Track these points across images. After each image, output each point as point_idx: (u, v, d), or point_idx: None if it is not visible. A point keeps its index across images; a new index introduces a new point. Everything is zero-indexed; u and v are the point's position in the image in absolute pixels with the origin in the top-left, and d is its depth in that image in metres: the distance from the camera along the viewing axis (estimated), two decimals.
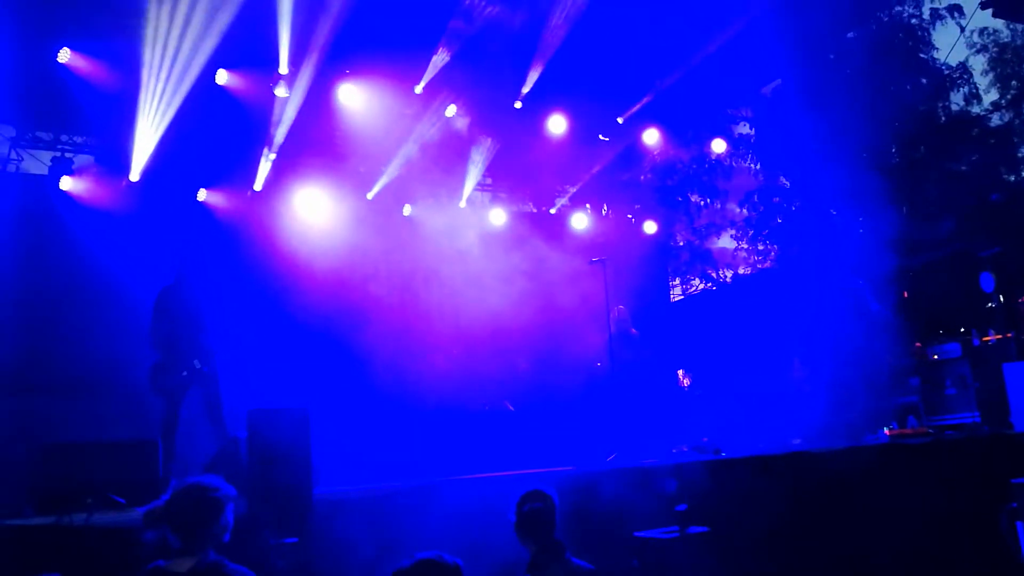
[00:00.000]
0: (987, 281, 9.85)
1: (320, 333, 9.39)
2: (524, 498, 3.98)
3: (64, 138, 9.47)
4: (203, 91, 8.83)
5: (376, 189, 10.92)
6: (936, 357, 9.71)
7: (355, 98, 10.13)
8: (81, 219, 8.79)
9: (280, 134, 9.59)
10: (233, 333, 7.21)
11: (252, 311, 8.77)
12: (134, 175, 8.91)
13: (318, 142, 10.42)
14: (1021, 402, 7.81)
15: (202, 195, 9.83)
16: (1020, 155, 15.88)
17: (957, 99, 16.31)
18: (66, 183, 8.95)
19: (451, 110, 10.57)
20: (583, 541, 4.92)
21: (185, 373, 6.32)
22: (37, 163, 9.43)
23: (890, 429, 8.40)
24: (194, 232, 8.99)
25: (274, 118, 9.51)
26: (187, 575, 3.01)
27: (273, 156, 9.74)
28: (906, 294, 10.97)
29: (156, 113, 8.56)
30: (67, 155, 9.28)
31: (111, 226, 8.74)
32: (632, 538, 4.70)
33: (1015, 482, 5.60)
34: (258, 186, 10.03)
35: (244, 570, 3.12)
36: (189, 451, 6.26)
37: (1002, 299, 10.32)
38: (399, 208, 11.28)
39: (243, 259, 9.43)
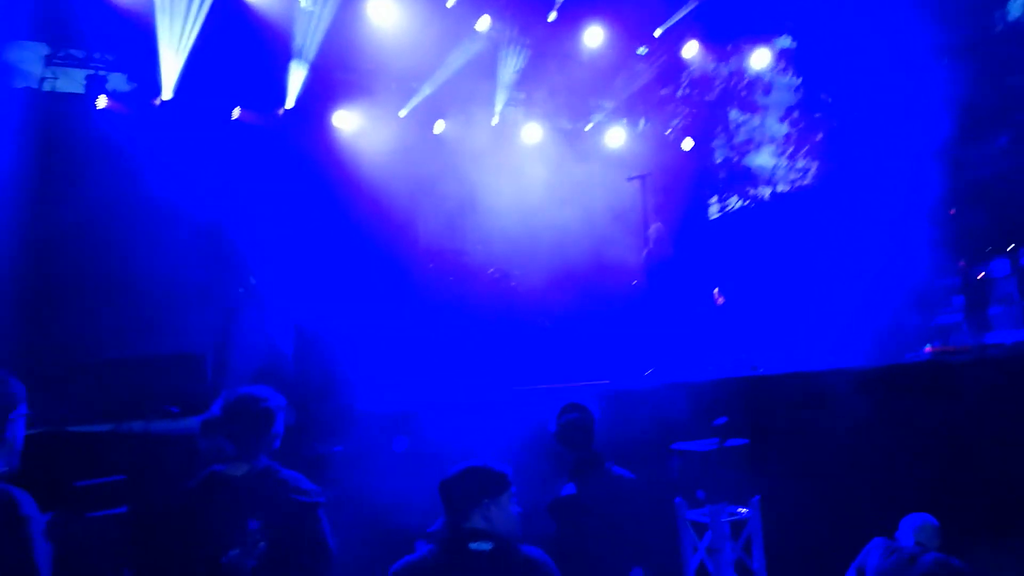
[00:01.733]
0: None
1: (354, 252, 9.43)
2: (563, 410, 4.05)
3: (97, 55, 9.40)
4: (226, 6, 8.66)
5: (409, 107, 10.76)
6: (983, 275, 9.51)
7: (384, 13, 9.89)
8: (118, 137, 8.80)
9: (308, 50, 9.41)
10: (274, 252, 7.29)
11: (289, 230, 8.82)
12: (166, 93, 8.86)
13: (347, 59, 10.24)
14: None
15: (236, 113, 9.78)
16: None
17: (1015, 8, 15.45)
18: (102, 101, 8.95)
19: (484, 23, 10.28)
20: (621, 453, 5.02)
21: (241, 290, 6.44)
22: (71, 82, 9.42)
23: (932, 347, 8.31)
24: (229, 151, 8.98)
25: (300, 34, 9.33)
26: (242, 479, 3.12)
27: (303, 73, 9.59)
28: (953, 211, 10.66)
29: (179, 30, 8.45)
30: (100, 73, 9.24)
31: (149, 143, 8.76)
32: (670, 450, 4.75)
33: None
34: (290, 104, 9.94)
35: (294, 474, 3.23)
36: (242, 364, 6.41)
37: None
38: (431, 125, 11.13)
39: (278, 177, 9.42)
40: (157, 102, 8.97)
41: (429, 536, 2.87)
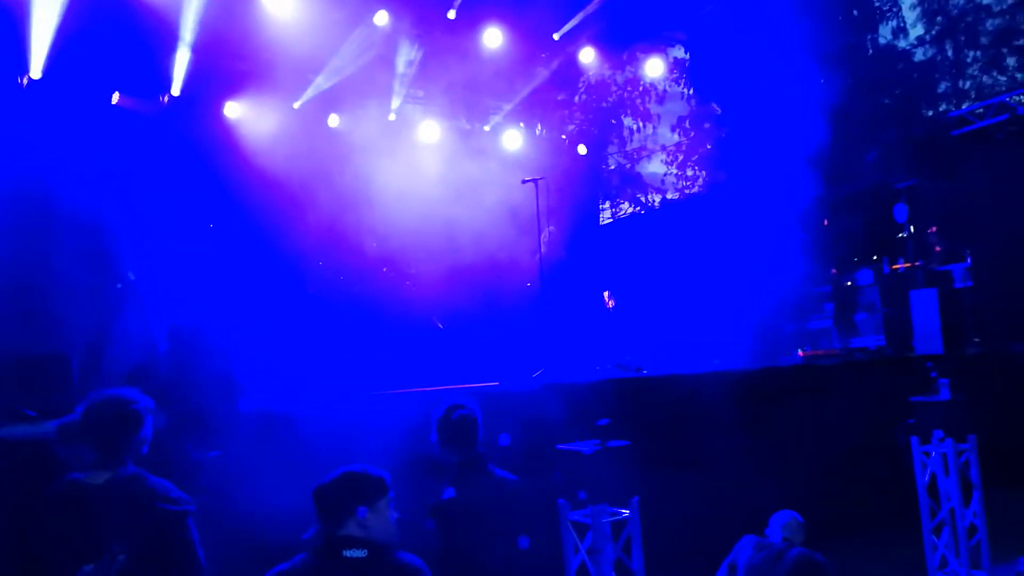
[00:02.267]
0: (900, 212, 10.24)
1: (239, 244, 9.09)
2: (448, 409, 4.00)
3: None
4: None
5: (304, 99, 10.48)
6: (849, 283, 10.14)
7: (280, 1, 9.59)
8: None
9: (195, 36, 8.99)
10: (156, 246, 6.93)
11: (173, 222, 8.41)
12: (35, 72, 8.26)
13: (240, 47, 9.85)
14: (924, 327, 8.24)
15: (116, 98, 9.23)
16: (940, 91, 16.35)
17: (885, 32, 16.60)
18: None
19: (381, 17, 10.13)
20: (508, 454, 5.04)
21: (119, 286, 6.07)
22: None
23: (804, 351, 8.79)
24: (107, 136, 8.47)
25: (187, 17, 8.91)
26: (103, 487, 2.93)
27: (188, 59, 9.16)
28: (826, 222, 11.33)
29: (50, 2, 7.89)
30: None
31: (14, 126, 8.13)
32: (554, 451, 4.80)
33: (914, 400, 5.95)
34: (175, 91, 9.47)
35: (162, 482, 3.06)
36: (116, 366, 6.05)
37: (912, 229, 10.77)
38: (326, 119, 10.88)
39: (161, 168, 8.95)
40: (24, 81, 8.34)
41: (303, 544, 2.79)
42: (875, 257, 10.64)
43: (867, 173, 12.85)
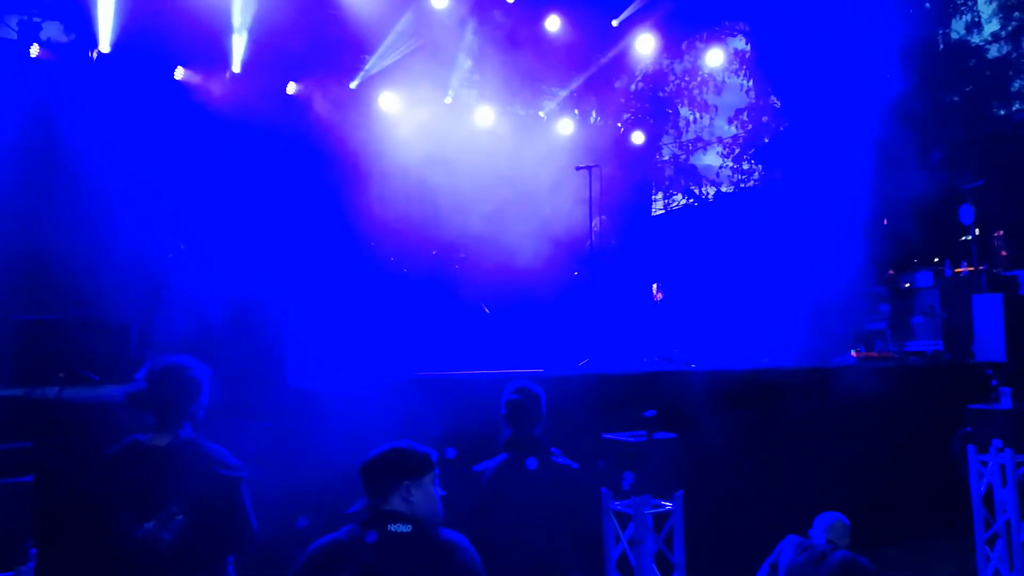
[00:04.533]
0: (966, 214, 9.91)
1: (297, 221, 9.22)
2: (513, 389, 4.06)
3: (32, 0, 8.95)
4: None
5: (359, 79, 10.57)
6: (908, 285, 9.87)
7: None
8: (51, 89, 8.39)
9: (256, 17, 9.12)
10: (211, 218, 7.08)
11: (230, 198, 8.58)
12: (104, 46, 8.48)
13: (299, 27, 9.97)
14: (986, 333, 7.99)
15: (179, 73, 9.43)
16: (1013, 89, 15.74)
17: (958, 27, 16.01)
18: (35, 51, 8.52)
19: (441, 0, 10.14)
20: (552, 441, 5.05)
21: (171, 256, 6.24)
22: (2, 27, 8.95)
23: (857, 352, 8.60)
24: (168, 112, 8.67)
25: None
26: (164, 449, 3.03)
27: (247, 37, 9.29)
28: (885, 221, 11.03)
29: None
30: (35, 19, 8.79)
31: (84, 100, 8.37)
32: (599, 440, 4.79)
33: (971, 408, 5.78)
34: (236, 68, 9.63)
35: (218, 447, 3.15)
36: (167, 335, 6.21)
37: (978, 232, 10.42)
38: (381, 100, 10.95)
39: (222, 144, 9.12)
40: (93, 55, 8.58)
41: (348, 517, 2.83)
42: (936, 259, 10.33)
43: (931, 172, 12.46)
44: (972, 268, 9.77)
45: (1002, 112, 15.56)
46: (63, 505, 3.23)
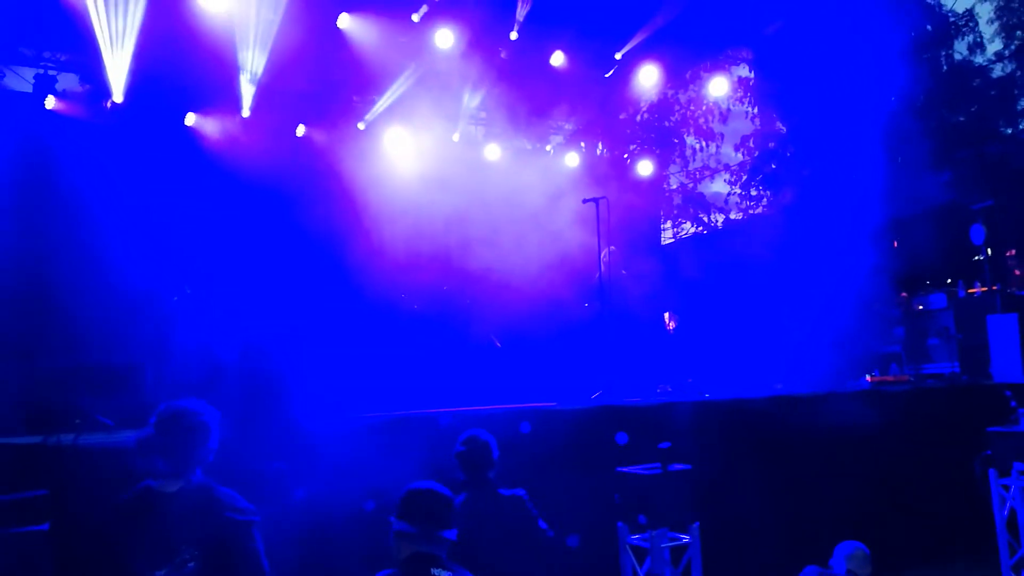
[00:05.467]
0: (977, 233, 9.86)
1: (307, 262, 9.31)
2: (461, 441, 4.24)
3: (47, 55, 9.20)
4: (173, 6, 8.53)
5: (366, 120, 10.73)
6: (921, 308, 9.80)
7: (350, 24, 9.87)
8: (66, 140, 8.58)
9: (258, 57, 9.29)
10: (222, 260, 7.16)
11: (241, 242, 8.69)
12: (117, 96, 8.67)
13: (307, 70, 10.16)
14: (1002, 353, 7.92)
15: (190, 119, 9.62)
16: (1019, 108, 15.74)
17: (961, 48, 16.07)
18: (51, 102, 8.73)
19: (447, 40, 10.30)
20: (565, 475, 5.03)
21: (176, 299, 6.31)
22: (20, 80, 9.19)
23: (872, 376, 8.52)
24: (181, 157, 8.83)
25: (257, 42, 9.23)
26: (175, 495, 3.04)
27: (250, 78, 9.45)
28: (896, 244, 10.99)
29: (120, 27, 8.27)
30: (51, 72, 9.03)
31: (97, 148, 8.55)
32: (614, 473, 4.76)
33: (991, 430, 5.71)
34: (245, 112, 9.80)
35: (230, 491, 3.16)
36: (182, 376, 6.26)
37: (990, 252, 10.35)
38: (389, 140, 11.09)
39: (232, 187, 9.25)
40: (108, 104, 8.77)
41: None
42: (949, 280, 10.26)
43: (940, 193, 12.42)
44: (985, 288, 9.70)
45: (1009, 131, 15.55)
46: (78, 553, 3.25)
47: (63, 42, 9.04)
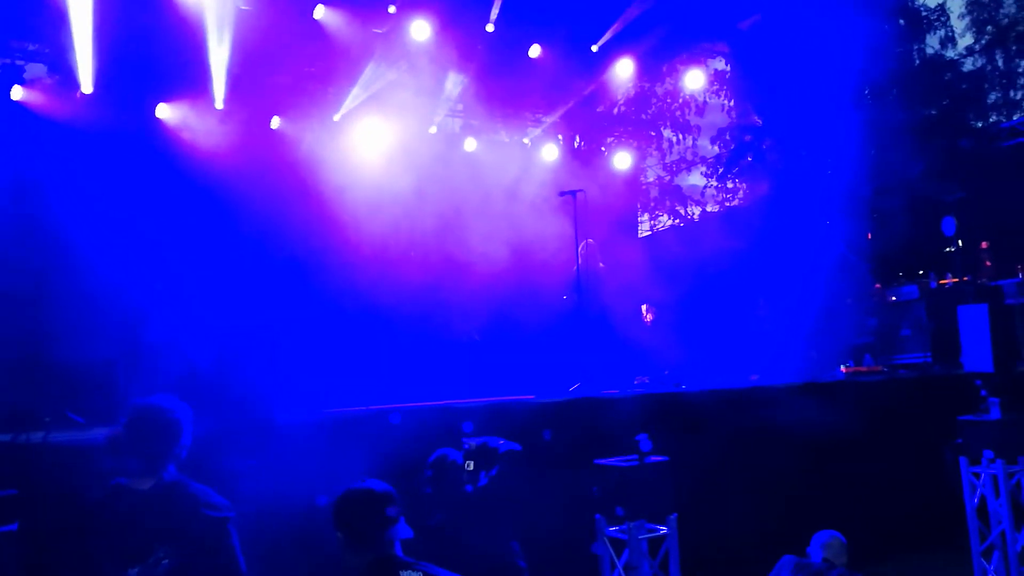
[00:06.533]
0: (949, 225, 10.00)
1: (282, 256, 9.20)
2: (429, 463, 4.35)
3: (15, 44, 8.99)
4: None
5: (342, 112, 10.63)
6: (894, 299, 9.92)
7: (325, 15, 9.76)
8: (34, 132, 8.40)
9: (230, 48, 9.15)
10: (195, 256, 7.06)
11: (215, 236, 8.56)
12: (86, 87, 8.50)
13: (280, 61, 10.04)
14: (972, 343, 8.03)
15: (161, 111, 9.45)
16: (990, 101, 15.98)
17: (932, 42, 16.29)
18: (17, 93, 8.54)
19: (423, 31, 10.23)
20: (544, 469, 5.03)
21: (150, 297, 6.22)
22: None
23: (847, 367, 8.62)
24: (152, 149, 8.69)
25: (232, 29, 9.09)
26: (148, 493, 2.99)
27: (226, 70, 9.32)
28: (870, 236, 11.11)
29: (90, 17, 8.12)
30: (17, 62, 8.83)
31: (65, 140, 8.37)
32: (592, 466, 4.78)
33: (962, 419, 5.79)
34: (219, 104, 9.64)
35: (206, 489, 3.12)
36: (158, 373, 6.17)
37: (961, 244, 10.51)
38: (365, 132, 10.98)
39: (204, 182, 9.10)
40: (77, 95, 8.59)
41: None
42: (920, 272, 10.40)
43: (912, 185, 12.59)
44: (957, 279, 9.84)
45: (980, 124, 15.78)
46: (48, 554, 3.19)
47: (31, 31, 8.84)
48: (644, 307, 10.58)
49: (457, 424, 4.67)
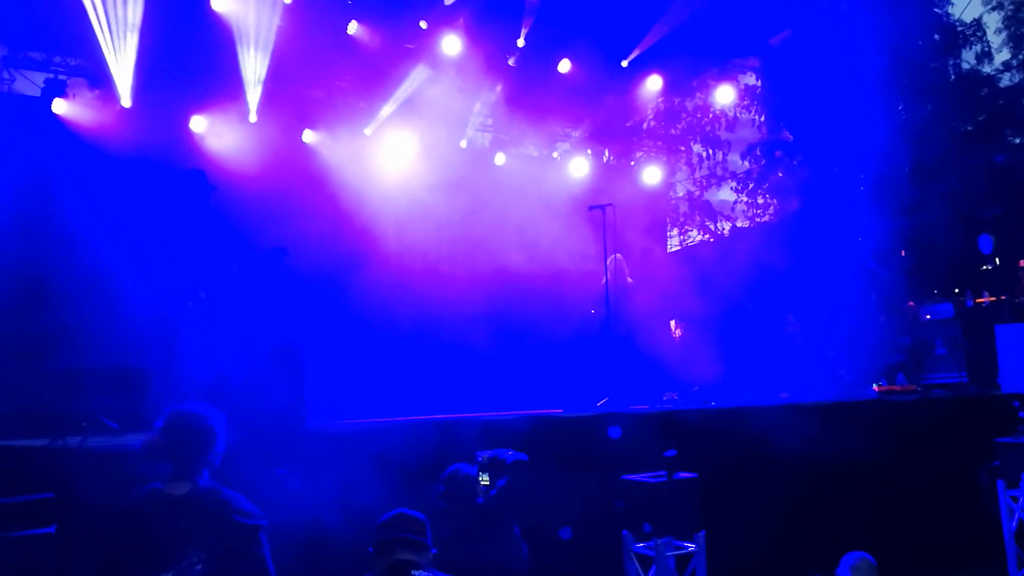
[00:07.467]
0: (986, 243, 9.83)
1: (311, 269, 9.30)
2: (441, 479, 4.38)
3: (57, 59, 9.25)
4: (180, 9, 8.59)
5: (373, 126, 10.75)
6: (928, 317, 9.75)
7: (357, 30, 9.92)
8: (74, 144, 8.62)
9: (264, 62, 9.33)
10: (227, 266, 7.15)
11: (246, 247, 8.68)
12: (125, 100, 8.72)
13: (313, 75, 10.20)
14: (1010, 364, 7.87)
15: (195, 123, 9.63)
16: None
17: (968, 57, 16.03)
18: (59, 106, 8.77)
19: (454, 46, 10.34)
20: (571, 482, 5.01)
21: (190, 303, 6.32)
22: (30, 84, 9.23)
23: (879, 385, 8.48)
24: (186, 162, 8.85)
25: (266, 43, 9.27)
26: (183, 498, 3.04)
27: (259, 84, 9.49)
28: (903, 253, 10.95)
29: (127, 32, 8.35)
30: (60, 77, 9.08)
31: (105, 153, 8.58)
32: (619, 481, 4.75)
33: (999, 441, 5.68)
34: (252, 117, 9.81)
35: (237, 495, 3.16)
36: (190, 381, 6.26)
37: (998, 261, 10.32)
38: (396, 146, 11.09)
39: (236, 194, 9.23)
40: (117, 108, 8.81)
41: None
42: (956, 290, 10.22)
43: (948, 202, 12.38)
44: (994, 298, 9.66)
45: (1017, 140, 15.50)
46: (84, 556, 3.25)
47: (73, 46, 9.09)
48: (673, 322, 10.53)
49: (487, 436, 4.69)
